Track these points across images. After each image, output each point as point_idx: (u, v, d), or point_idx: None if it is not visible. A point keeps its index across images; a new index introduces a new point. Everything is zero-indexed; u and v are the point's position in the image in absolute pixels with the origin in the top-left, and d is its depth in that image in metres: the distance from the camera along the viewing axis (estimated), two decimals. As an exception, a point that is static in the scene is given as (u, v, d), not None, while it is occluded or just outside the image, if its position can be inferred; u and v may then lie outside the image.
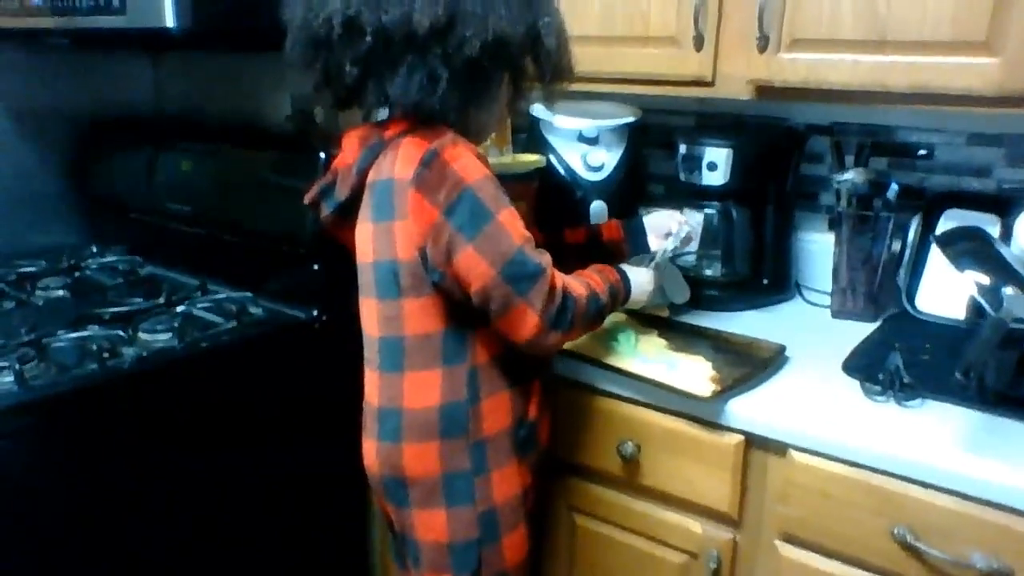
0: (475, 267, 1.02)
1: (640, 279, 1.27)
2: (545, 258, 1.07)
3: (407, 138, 1.06)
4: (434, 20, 0.99)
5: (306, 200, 1.20)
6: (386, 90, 1.04)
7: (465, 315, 1.09)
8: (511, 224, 1.04)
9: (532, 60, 1.11)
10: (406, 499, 1.15)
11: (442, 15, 0.99)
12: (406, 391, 1.12)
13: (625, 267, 1.27)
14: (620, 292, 1.21)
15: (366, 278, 1.14)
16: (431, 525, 1.14)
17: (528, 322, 1.04)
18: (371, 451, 1.18)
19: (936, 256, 1.45)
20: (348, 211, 1.14)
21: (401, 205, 1.04)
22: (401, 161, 1.05)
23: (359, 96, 1.09)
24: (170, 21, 1.36)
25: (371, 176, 1.10)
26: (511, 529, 1.18)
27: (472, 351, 1.11)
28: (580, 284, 1.13)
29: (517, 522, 1.19)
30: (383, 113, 1.17)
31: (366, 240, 1.12)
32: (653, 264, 1.32)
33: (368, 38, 1.01)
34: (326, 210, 1.17)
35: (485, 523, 1.15)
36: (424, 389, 1.11)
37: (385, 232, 1.08)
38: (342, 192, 1.13)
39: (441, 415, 1.11)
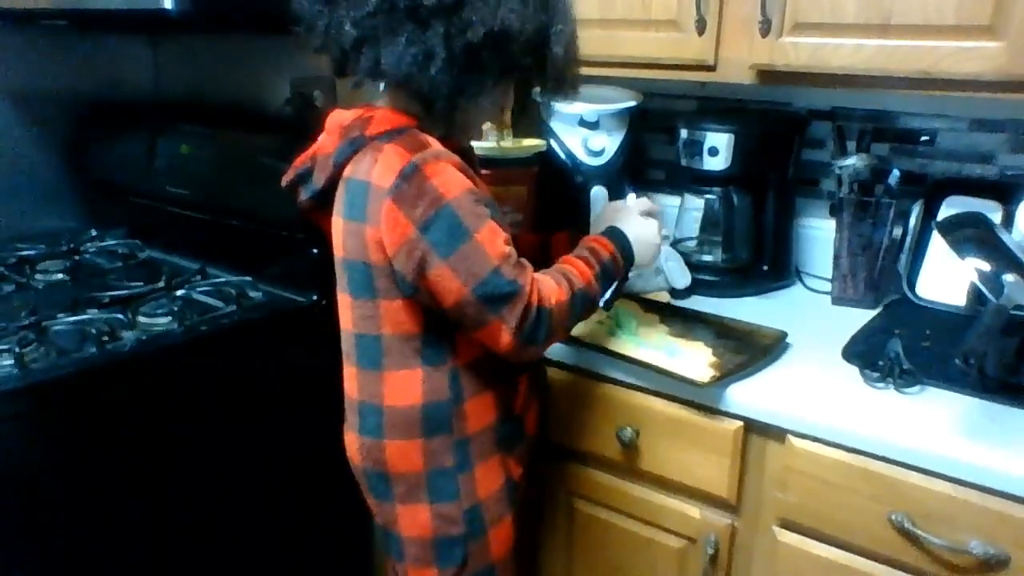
0: (448, 284, 0.99)
1: (638, 232, 1.19)
2: (523, 275, 1.01)
3: (390, 144, 1.02)
4: None
5: (283, 183, 1.17)
6: (380, 58, 1.01)
7: (444, 319, 1.06)
8: (489, 242, 0.99)
9: (535, 64, 1.08)
10: (389, 493, 1.14)
11: None
12: (386, 389, 1.10)
13: (622, 224, 1.19)
14: (619, 263, 1.15)
15: (339, 271, 1.12)
16: (415, 520, 1.14)
17: (502, 339, 1.01)
18: (353, 444, 1.17)
19: (937, 242, 1.44)
20: (324, 199, 1.11)
21: (375, 212, 1.01)
22: (381, 167, 1.01)
23: (355, 61, 1.04)
24: (168, 2, 1.36)
25: (348, 171, 1.06)
26: (496, 523, 1.17)
27: (453, 352, 1.09)
28: (562, 285, 1.06)
29: (503, 515, 1.18)
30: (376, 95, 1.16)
31: (338, 234, 1.09)
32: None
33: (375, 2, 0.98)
34: (303, 195, 1.14)
35: (470, 519, 1.14)
36: (405, 388, 1.09)
37: (356, 233, 1.05)
38: (319, 180, 1.10)
39: (424, 414, 1.10)
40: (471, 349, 1.10)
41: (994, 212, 1.38)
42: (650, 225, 1.22)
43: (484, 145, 1.59)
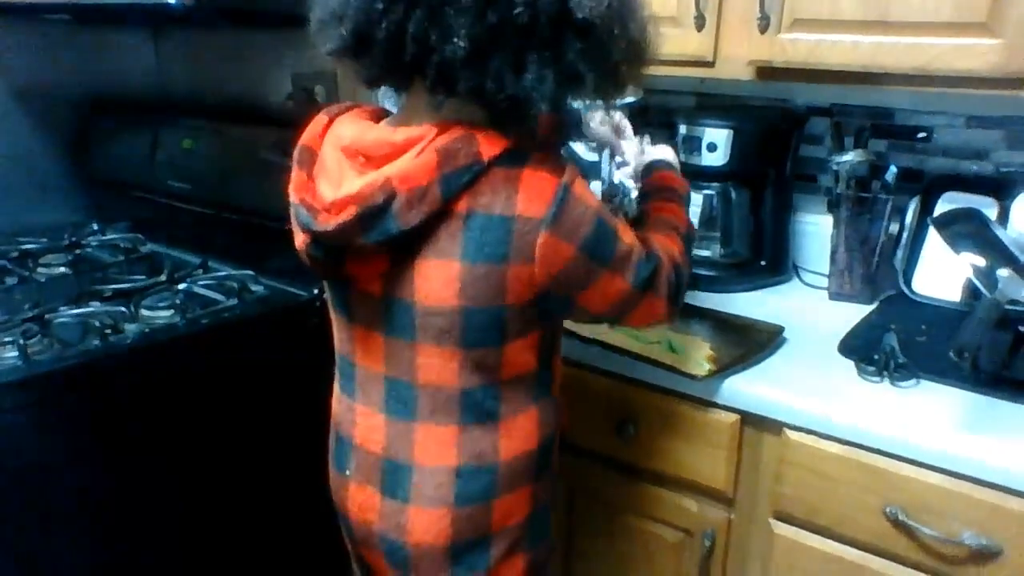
0: (613, 288, 0.95)
1: (670, 156, 1.27)
2: (652, 246, 1.00)
3: (528, 169, 0.87)
4: (594, 9, 0.84)
5: (323, 226, 0.90)
6: (500, 77, 0.84)
7: (552, 345, 1.02)
8: (625, 233, 0.96)
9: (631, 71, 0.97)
10: (484, 559, 1.00)
11: (603, 6, 0.85)
12: (503, 441, 0.98)
13: (656, 152, 1.26)
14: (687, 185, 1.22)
15: (442, 323, 0.92)
16: (509, 574, 1.03)
17: (659, 311, 1.01)
18: (435, 521, 0.98)
19: (933, 238, 1.45)
20: (403, 242, 0.90)
21: (524, 247, 0.87)
22: (527, 197, 0.86)
23: (445, 79, 0.85)
24: (171, -4, 1.37)
25: (469, 204, 0.87)
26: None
27: (554, 379, 1.04)
28: (672, 239, 1.06)
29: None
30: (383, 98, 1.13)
31: (447, 280, 0.90)
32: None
33: (517, 10, 0.81)
34: (366, 238, 0.89)
35: (549, 548, 1.09)
36: (523, 433, 1.00)
37: (490, 276, 0.89)
38: (409, 218, 0.87)
39: (537, 457, 1.02)
40: (559, 373, 1.06)
41: (990, 208, 1.39)
42: (666, 148, 1.29)
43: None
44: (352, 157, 0.92)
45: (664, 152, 1.27)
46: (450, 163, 0.86)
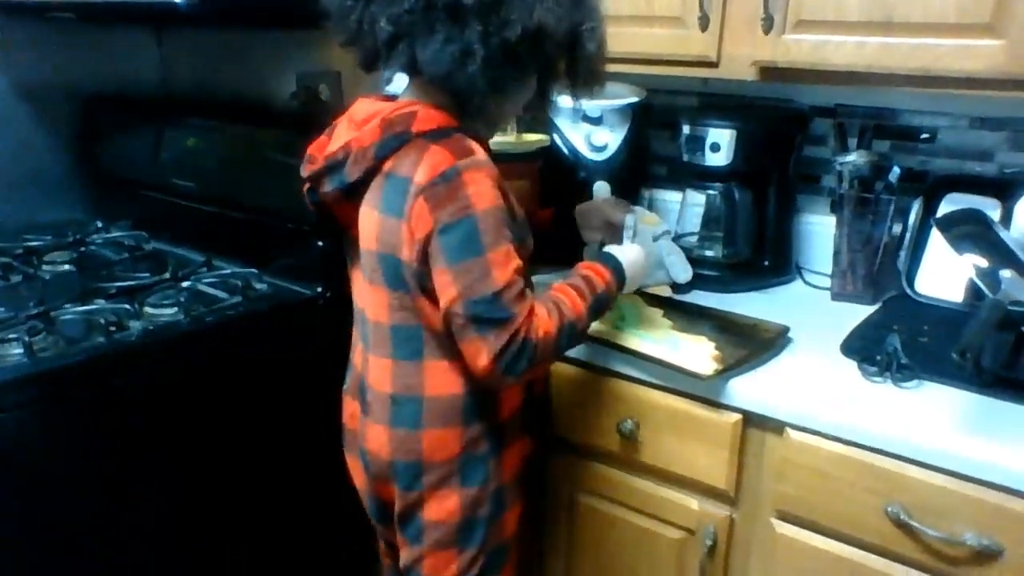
0: (445, 288, 1.01)
1: (631, 258, 1.22)
2: (521, 306, 1.00)
3: (437, 145, 1.02)
4: None
5: (305, 173, 1.15)
6: (416, 55, 1.01)
7: None
8: (499, 264, 1.00)
9: (568, 62, 1.10)
10: (418, 482, 1.15)
11: None
12: (427, 379, 1.11)
13: (615, 250, 1.22)
14: (613, 289, 1.16)
15: (372, 264, 1.11)
16: (443, 506, 1.15)
17: (480, 361, 1.00)
18: (380, 436, 1.16)
19: (936, 239, 1.45)
20: (353, 191, 1.10)
21: (407, 208, 1.02)
22: (424, 166, 1.01)
23: (388, 56, 1.05)
24: (177, -5, 1.37)
25: (390, 166, 1.06)
26: (513, 502, 1.21)
27: None
28: (552, 317, 1.05)
29: (519, 495, 1.22)
30: (393, 85, 1.17)
31: (371, 227, 1.09)
32: (634, 239, 1.28)
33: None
34: (328, 186, 1.12)
35: (495, 500, 1.17)
36: (447, 378, 1.11)
37: (392, 228, 1.05)
38: (353, 173, 1.08)
39: (465, 403, 1.12)
40: None
41: (993, 209, 1.39)
42: (635, 251, 1.24)
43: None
44: (350, 124, 1.12)
45: (623, 252, 1.22)
46: (387, 131, 1.05)
